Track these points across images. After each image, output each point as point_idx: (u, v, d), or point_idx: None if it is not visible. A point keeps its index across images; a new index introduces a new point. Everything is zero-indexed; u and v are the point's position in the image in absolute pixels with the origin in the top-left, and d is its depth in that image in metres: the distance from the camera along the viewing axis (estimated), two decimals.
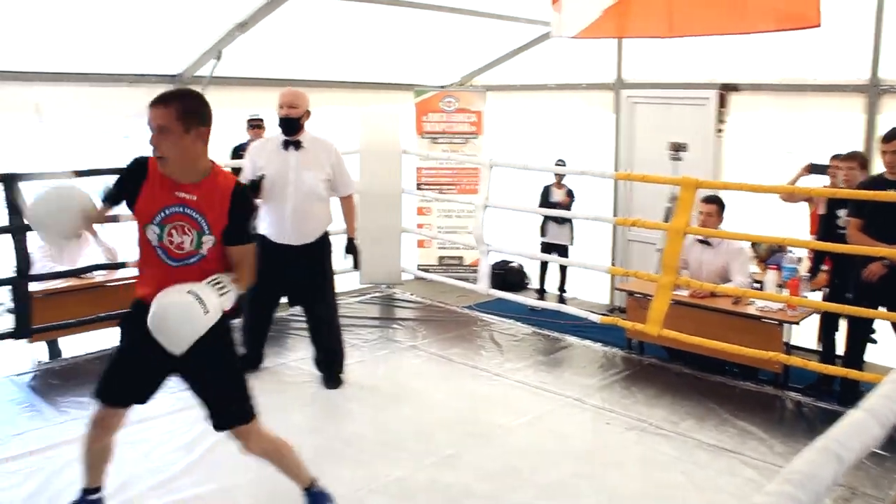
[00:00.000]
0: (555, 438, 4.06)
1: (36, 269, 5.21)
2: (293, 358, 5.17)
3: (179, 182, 2.74)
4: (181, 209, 2.73)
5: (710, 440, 4.08)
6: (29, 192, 2.53)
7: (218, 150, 6.85)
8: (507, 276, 8.33)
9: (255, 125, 6.63)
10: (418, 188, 8.34)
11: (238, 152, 6.62)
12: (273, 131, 6.60)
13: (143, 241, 2.77)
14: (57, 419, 4.26)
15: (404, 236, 6.89)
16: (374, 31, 7.12)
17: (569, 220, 7.93)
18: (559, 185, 8.01)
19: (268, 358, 5.13)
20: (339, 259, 4.82)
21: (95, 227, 5.72)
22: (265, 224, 4.53)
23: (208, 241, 2.75)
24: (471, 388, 4.74)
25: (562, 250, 8.00)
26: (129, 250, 6.09)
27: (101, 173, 5.59)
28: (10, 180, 4.77)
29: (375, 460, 3.77)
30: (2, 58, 5.81)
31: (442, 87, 8.86)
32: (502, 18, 7.30)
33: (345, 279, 6.62)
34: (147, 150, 2.73)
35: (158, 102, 2.70)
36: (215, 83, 6.77)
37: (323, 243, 4.59)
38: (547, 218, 7.99)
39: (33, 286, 5.10)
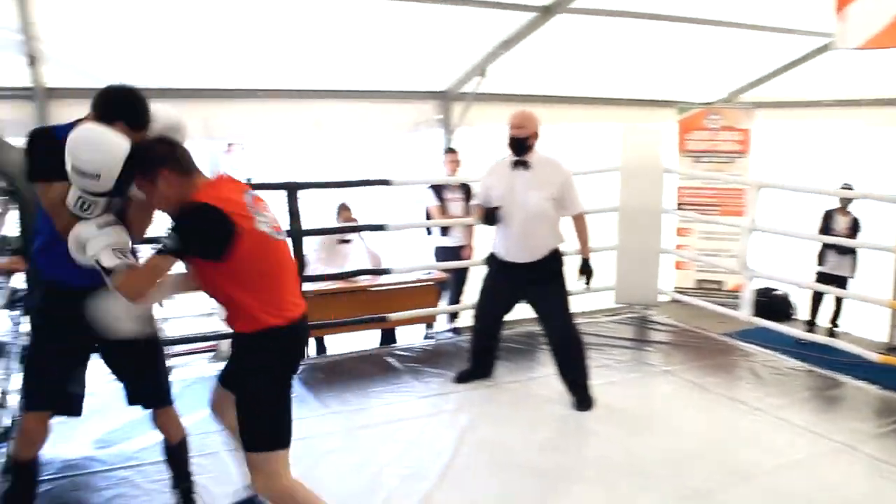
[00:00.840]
0: (821, 486, 3.68)
1: (309, 271, 5.60)
2: (543, 373, 5.14)
3: None
4: None
5: None
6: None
7: (481, 165, 7.09)
8: (772, 305, 7.83)
9: None
10: (678, 208, 8.06)
11: None
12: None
13: None
14: (319, 411, 4.53)
15: (662, 257, 6.66)
16: (637, 47, 6.98)
17: (852, 250, 7.28)
18: (844, 211, 7.38)
19: (518, 372, 5.19)
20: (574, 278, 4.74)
21: (364, 234, 6.10)
22: (496, 241, 4.66)
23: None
24: (727, 421, 4.45)
25: (841, 282, 7.36)
26: (392, 257, 6.43)
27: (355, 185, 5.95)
28: (293, 189, 5.19)
29: (621, 485, 3.64)
30: (287, 78, 6.34)
31: (707, 103, 8.51)
32: (775, 31, 6.89)
33: (598, 297, 6.54)
34: None
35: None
36: (479, 100, 6.96)
37: (551, 261, 4.54)
38: (826, 246, 7.40)
39: (306, 286, 5.49)
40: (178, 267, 2.70)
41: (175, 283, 2.84)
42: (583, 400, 4.59)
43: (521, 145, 4.45)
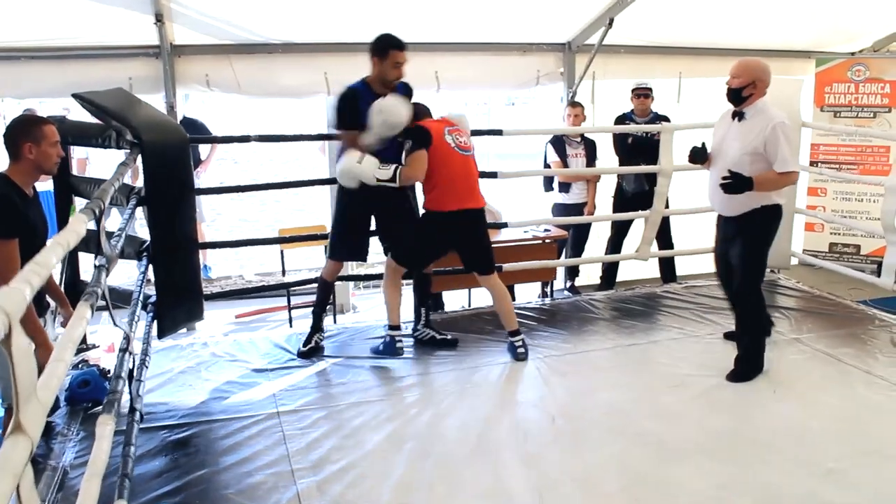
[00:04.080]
0: None
1: None
2: (664, 337, 5.01)
3: None
4: None
5: None
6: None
7: (601, 118, 6.87)
8: None
9: (641, 94, 6.42)
10: (812, 165, 7.60)
11: (622, 121, 6.47)
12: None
13: None
14: (434, 368, 4.56)
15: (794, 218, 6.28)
16: None
17: None
18: None
19: (638, 335, 5.10)
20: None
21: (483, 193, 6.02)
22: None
23: None
24: (862, 396, 4.15)
25: None
26: (510, 213, 6.32)
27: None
28: None
29: (741, 457, 3.46)
30: (405, 31, 6.24)
31: (851, 53, 7.94)
32: None
33: None
34: None
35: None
36: (603, 51, 6.71)
37: (749, 220, 4.26)
38: None
39: None
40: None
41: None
42: (735, 371, 4.35)
43: (733, 95, 4.24)
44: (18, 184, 3.29)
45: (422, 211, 4.62)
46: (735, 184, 4.07)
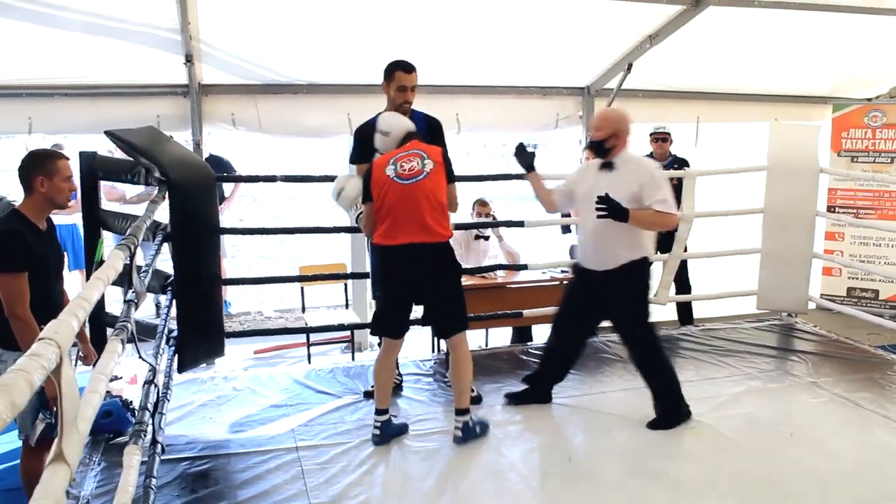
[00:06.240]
0: None
1: None
2: (682, 379, 4.99)
3: None
4: None
5: None
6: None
7: None
8: None
9: (660, 138, 6.50)
10: (829, 210, 7.62)
11: None
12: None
13: None
14: (449, 407, 4.46)
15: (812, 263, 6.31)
16: (790, 40, 6.62)
17: None
18: None
19: None
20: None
21: (501, 231, 6.07)
22: (578, 246, 4.49)
23: None
24: (881, 441, 4.14)
25: None
26: (529, 254, 6.37)
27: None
28: None
29: (759, 502, 3.47)
30: (427, 74, 6.37)
31: (868, 99, 8.01)
32: None
33: (739, 303, 6.31)
34: None
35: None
36: (622, 95, 6.80)
37: (627, 272, 4.18)
38: None
39: None
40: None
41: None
42: (657, 420, 4.29)
43: (598, 148, 4.21)
44: (30, 218, 3.37)
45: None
46: (610, 211, 3.97)
